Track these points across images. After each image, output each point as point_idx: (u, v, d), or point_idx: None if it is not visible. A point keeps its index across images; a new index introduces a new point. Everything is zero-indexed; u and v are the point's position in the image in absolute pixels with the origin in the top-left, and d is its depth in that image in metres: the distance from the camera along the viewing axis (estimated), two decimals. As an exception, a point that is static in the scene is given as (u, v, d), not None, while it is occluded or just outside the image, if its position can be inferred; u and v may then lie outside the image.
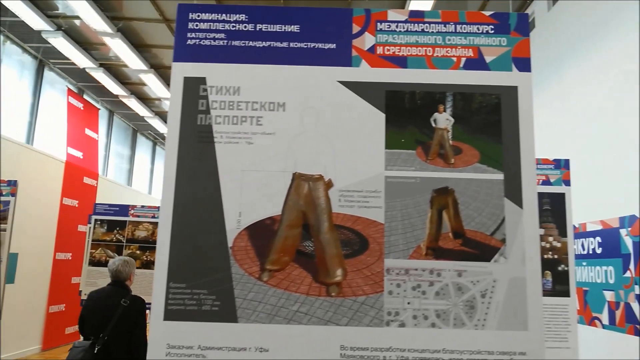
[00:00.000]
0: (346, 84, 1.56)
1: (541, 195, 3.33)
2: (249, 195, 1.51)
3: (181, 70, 1.58)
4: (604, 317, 3.95)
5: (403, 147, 1.53)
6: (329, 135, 1.53)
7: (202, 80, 1.57)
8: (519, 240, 1.47)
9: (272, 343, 1.42)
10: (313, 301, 1.45)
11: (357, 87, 1.56)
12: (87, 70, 9.67)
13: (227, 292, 1.45)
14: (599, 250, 4.08)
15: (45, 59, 9.67)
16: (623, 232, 3.78)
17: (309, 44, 1.58)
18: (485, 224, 1.49)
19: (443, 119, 1.55)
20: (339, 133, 1.54)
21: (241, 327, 1.43)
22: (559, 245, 3.28)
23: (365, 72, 1.57)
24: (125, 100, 11.34)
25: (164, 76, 10.03)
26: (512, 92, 1.56)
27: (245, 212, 1.50)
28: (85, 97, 11.08)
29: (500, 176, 1.52)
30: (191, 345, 1.42)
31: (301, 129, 1.54)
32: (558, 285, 3.23)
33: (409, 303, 1.44)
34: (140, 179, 14.87)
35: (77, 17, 7.91)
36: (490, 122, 1.54)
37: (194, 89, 1.56)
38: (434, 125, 1.54)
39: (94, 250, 6.83)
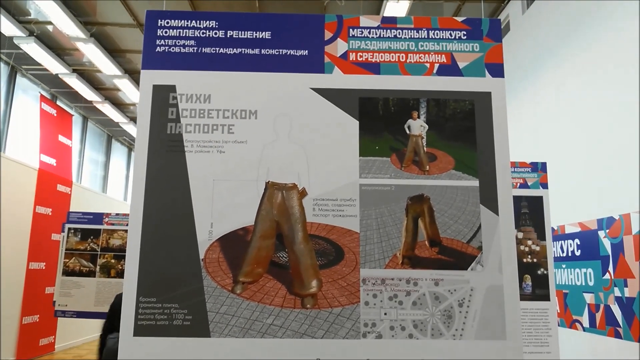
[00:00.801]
0: (319, 90, 1.53)
1: (519, 199, 3.35)
2: (221, 206, 1.47)
3: (150, 78, 1.53)
4: (585, 320, 3.99)
5: (377, 154, 1.51)
6: (302, 143, 1.50)
7: (172, 88, 1.53)
8: (496, 248, 1.46)
9: (247, 357, 1.38)
10: (288, 313, 1.41)
11: (330, 94, 1.53)
12: (60, 76, 9.47)
13: (199, 306, 1.40)
14: (578, 253, 4.12)
15: (17, 65, 9.44)
16: (601, 234, 3.82)
17: (280, 50, 1.55)
18: (461, 232, 1.47)
19: (417, 126, 1.53)
20: (312, 141, 1.51)
21: (214, 341, 1.39)
22: (538, 248, 3.30)
23: (338, 79, 1.54)
24: (99, 106, 11.15)
25: (139, 81, 9.88)
26: (486, 98, 1.55)
27: (217, 223, 1.46)
28: (58, 103, 10.86)
29: (475, 183, 1.50)
30: (162, 363, 1.37)
31: (274, 137, 1.51)
32: (538, 289, 3.24)
33: (385, 314, 1.42)
34: (115, 186, 14.62)
35: (50, 23, 7.75)
36: (464, 129, 1.53)
37: (163, 97, 1.52)
38: (408, 132, 1.53)
39: (67, 260, 6.66)
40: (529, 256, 3.23)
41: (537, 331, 3.13)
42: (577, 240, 4.16)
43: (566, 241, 4.31)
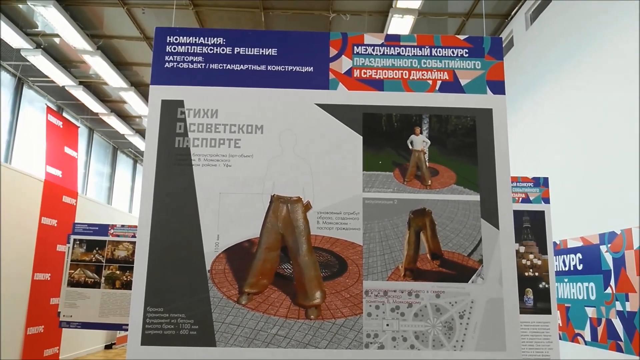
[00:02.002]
0: (324, 106, 1.57)
1: (521, 213, 3.37)
2: (227, 218, 1.50)
3: (159, 93, 1.58)
4: (586, 334, 3.98)
5: (380, 169, 1.55)
6: (307, 158, 1.54)
7: (180, 103, 1.57)
8: (496, 261, 1.49)
9: (251, 368, 1.40)
10: (292, 324, 1.44)
11: (335, 110, 1.57)
12: (66, 88, 9.59)
13: (205, 315, 1.43)
14: (579, 267, 4.13)
15: (24, 77, 9.57)
16: (603, 248, 3.83)
17: (286, 67, 1.60)
18: (462, 245, 1.50)
19: (420, 141, 1.57)
20: (317, 155, 1.54)
21: (220, 351, 1.41)
22: (539, 262, 3.31)
23: (342, 95, 1.59)
24: (105, 118, 11.26)
25: (145, 94, 9.99)
26: (487, 115, 1.59)
27: (223, 235, 1.49)
28: (64, 115, 10.97)
29: (476, 197, 1.54)
30: (168, 372, 1.40)
31: (279, 152, 1.54)
32: (539, 302, 3.26)
33: (387, 325, 1.44)
34: (120, 198, 14.69)
35: (57, 35, 7.87)
36: (465, 144, 1.57)
37: (171, 111, 1.56)
38: (410, 147, 1.56)
39: (72, 271, 6.69)
40: (531, 270, 3.25)
41: (539, 344, 3.13)
42: (579, 255, 4.17)
43: (568, 255, 4.31)
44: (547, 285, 3.23)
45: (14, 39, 7.63)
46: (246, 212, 1.51)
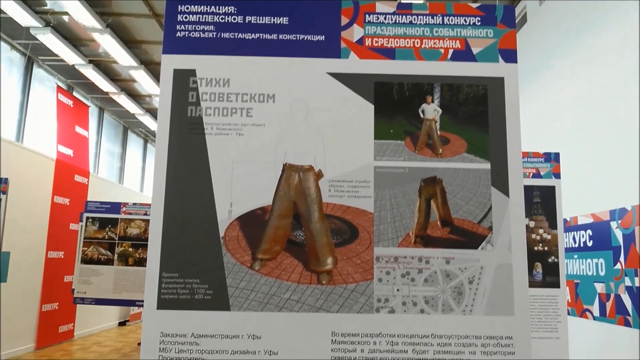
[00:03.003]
0: (335, 75, 1.58)
1: (531, 189, 3.37)
2: (240, 186, 1.53)
3: (171, 63, 1.59)
4: (595, 309, 4.01)
5: (392, 137, 1.56)
6: (318, 127, 1.55)
7: (192, 72, 1.58)
8: (506, 228, 1.50)
9: (265, 330, 1.44)
10: (304, 289, 1.47)
11: (346, 79, 1.58)
12: (76, 67, 9.62)
13: (220, 281, 1.47)
14: (589, 243, 4.13)
15: (33, 55, 9.60)
16: (613, 224, 3.83)
17: (298, 35, 1.60)
18: (472, 213, 1.52)
19: (431, 110, 1.57)
20: (328, 124, 1.56)
21: (234, 315, 1.45)
22: (549, 237, 3.32)
23: (354, 64, 1.59)
24: (115, 97, 11.30)
25: (154, 72, 10.00)
26: (499, 83, 1.58)
27: (236, 203, 1.52)
28: (74, 94, 11.01)
29: (487, 165, 1.54)
30: (184, 334, 1.44)
31: (291, 120, 1.56)
32: (548, 276, 3.28)
33: (398, 290, 1.47)
34: (131, 177, 14.81)
35: (66, 13, 7.87)
36: (477, 113, 1.57)
37: (183, 81, 1.58)
38: (422, 116, 1.57)
39: (86, 248, 6.82)
40: (540, 244, 3.26)
41: (547, 317, 3.16)
42: (589, 231, 4.17)
43: (578, 232, 4.32)
44: (556, 260, 3.25)
45: (24, 17, 7.63)
46: (259, 180, 1.53)
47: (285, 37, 1.60)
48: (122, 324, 12.12)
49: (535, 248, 3.24)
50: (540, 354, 3.17)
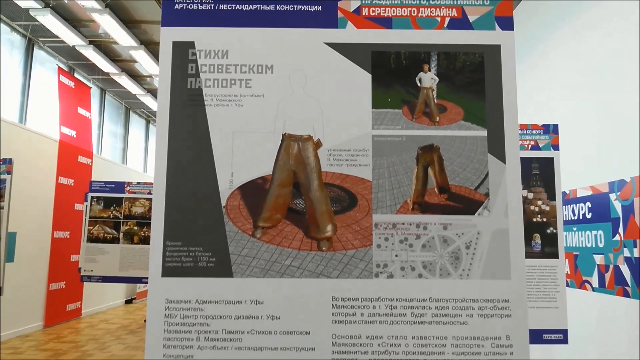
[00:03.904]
0: (333, 45, 1.59)
1: (530, 160, 3.39)
2: (241, 156, 1.55)
3: (170, 35, 1.60)
4: (594, 280, 4.06)
5: (389, 106, 1.58)
6: (317, 97, 1.57)
7: (191, 45, 1.60)
8: (502, 194, 1.53)
9: (267, 296, 1.48)
10: (305, 256, 1.51)
11: (344, 49, 1.59)
12: (76, 47, 9.58)
13: (222, 249, 1.51)
14: (589, 216, 4.16)
15: (34, 37, 9.56)
16: (612, 196, 3.86)
17: (295, 6, 1.61)
18: (469, 179, 1.54)
19: (428, 78, 1.58)
20: (326, 94, 1.57)
21: (236, 281, 1.49)
22: (547, 208, 3.35)
23: (351, 34, 1.60)
24: (116, 78, 11.27)
25: (154, 52, 9.96)
26: (495, 51, 1.59)
27: (237, 173, 1.55)
28: (76, 75, 10.99)
29: (483, 133, 1.56)
30: (189, 300, 1.48)
31: (289, 91, 1.58)
32: (547, 247, 3.31)
33: (396, 255, 1.51)
34: (134, 158, 14.86)
35: (65, -6, 7.81)
36: (473, 81, 1.58)
37: (183, 53, 1.59)
38: (419, 84, 1.58)
39: (91, 227, 6.90)
40: (539, 216, 3.29)
41: (546, 287, 3.21)
42: (588, 204, 4.20)
43: (577, 204, 4.35)
44: (554, 231, 3.28)
45: (23, -2, 7.59)
46: (259, 150, 1.56)
47: (282, 7, 1.61)
48: (128, 301, 12.32)
49: (534, 219, 3.27)
50: (539, 323, 3.22)
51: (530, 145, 3.37)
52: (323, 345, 1.46)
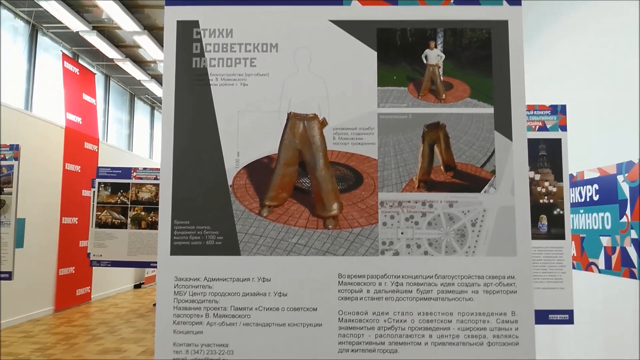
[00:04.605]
0: (338, 22, 1.58)
1: (537, 142, 3.36)
2: (246, 136, 1.56)
3: (174, 14, 1.59)
4: (600, 262, 4.05)
5: (395, 84, 1.57)
6: (322, 75, 1.57)
7: (195, 24, 1.59)
8: (509, 172, 1.53)
9: (274, 273, 1.50)
10: (311, 234, 1.52)
11: (349, 26, 1.58)
12: (80, 33, 9.56)
13: (230, 227, 1.52)
14: (596, 198, 4.14)
15: (38, 23, 9.54)
16: (620, 178, 3.83)
17: (299, -17, 1.59)
18: (475, 157, 1.54)
19: (434, 55, 1.57)
20: (331, 72, 1.57)
21: (244, 259, 1.51)
22: (554, 189, 3.34)
23: (356, 11, 1.58)
24: (120, 64, 11.26)
25: (158, 37, 9.92)
26: (503, 26, 1.58)
27: (243, 152, 1.55)
28: (80, 62, 10.98)
29: (490, 110, 1.55)
30: (198, 277, 1.50)
31: (294, 69, 1.57)
32: (553, 228, 3.30)
33: (402, 233, 1.51)
34: (140, 144, 14.90)
35: (68, -22, 7.77)
36: (480, 57, 1.57)
37: (187, 32, 1.59)
38: (425, 61, 1.57)
39: (99, 213, 6.95)
40: (546, 197, 3.28)
41: (552, 268, 3.21)
42: (595, 186, 4.17)
43: (585, 187, 4.32)
44: (561, 212, 3.27)
45: (25, -16, 7.56)
46: (264, 129, 1.56)
47: (287, -15, 1.60)
48: (137, 286, 12.46)
49: (541, 201, 3.26)
50: (544, 304, 3.23)
51: (537, 127, 3.34)
52: (330, 321, 1.47)
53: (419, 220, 1.52)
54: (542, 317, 3.18)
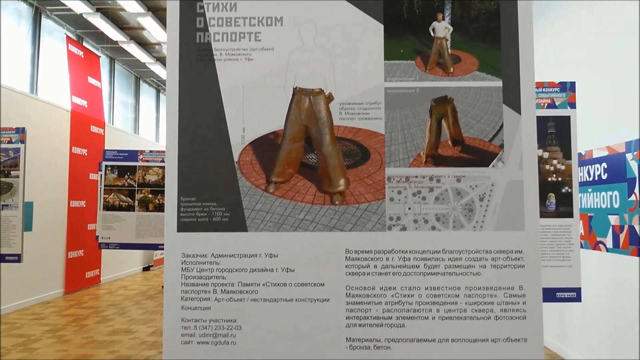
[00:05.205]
0: (343, -5, 1.55)
1: (546, 119, 3.32)
2: (252, 111, 1.54)
3: (178, -12, 1.57)
4: (608, 241, 4.04)
5: (402, 57, 1.54)
6: (327, 49, 1.54)
7: (199, -2, 1.57)
8: (517, 146, 1.51)
9: (281, 249, 1.50)
10: (318, 209, 1.51)
11: None
12: (84, 15, 9.49)
13: (236, 204, 1.52)
14: (604, 176, 4.11)
15: (41, 5, 9.48)
16: (629, 156, 3.79)
17: (304, -46, 1.56)
18: (484, 131, 1.52)
19: (442, 28, 1.54)
20: (337, 46, 1.54)
21: (251, 235, 1.51)
22: (563, 167, 3.30)
23: (362, -18, 1.55)
24: (125, 46, 11.20)
25: (162, 19, 9.84)
26: (512, -2, 1.54)
27: (248, 128, 1.54)
28: (84, 44, 10.93)
29: (498, 83, 1.53)
30: (205, 254, 1.50)
31: (300, 43, 1.55)
32: (561, 206, 3.28)
33: (409, 208, 1.50)
34: (146, 128, 14.90)
35: (70, -40, 7.69)
36: (489, 30, 1.54)
37: (190, 6, 1.56)
38: (432, 34, 1.54)
39: (107, 196, 6.98)
40: (554, 175, 3.25)
41: (560, 246, 3.20)
42: (604, 164, 4.13)
43: (593, 165, 4.28)
44: (569, 190, 3.25)
45: (27, -34, 7.49)
46: (270, 105, 1.54)
47: (291, -44, 1.56)
48: (146, 269, 12.58)
49: (549, 179, 3.23)
50: (552, 282, 3.23)
51: (546, 104, 3.30)
52: (337, 296, 1.48)
53: (427, 195, 1.51)
54: (550, 295, 3.18)
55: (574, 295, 3.22)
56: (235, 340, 1.49)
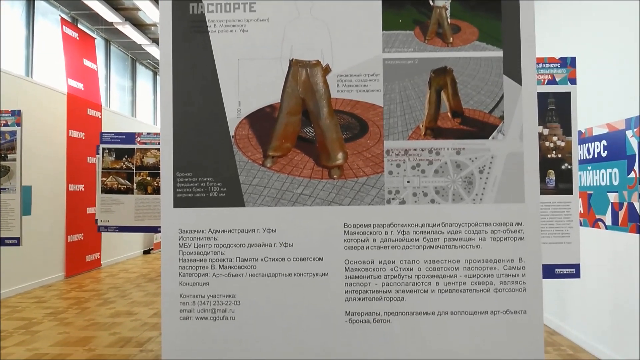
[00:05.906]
0: (340, -37, 1.51)
1: (546, 95, 3.29)
2: (247, 84, 1.51)
3: (170, -42, 1.53)
4: (607, 218, 4.03)
5: (400, 27, 1.51)
6: (324, 19, 1.51)
7: (192, -32, 1.53)
8: (517, 117, 1.48)
9: (279, 224, 1.48)
10: (316, 184, 1.49)
11: None
12: (78, -3, 9.34)
13: (233, 179, 1.50)
14: (604, 154, 4.09)
15: (34, -13, 9.33)
16: (629, 133, 3.77)
17: None
18: (484, 102, 1.49)
19: (441, -3, 1.51)
20: (334, 16, 1.51)
21: (248, 210, 1.49)
22: (562, 144, 3.28)
23: (359, -50, 1.51)
24: (120, 28, 11.05)
25: None
26: (513, -35, 1.50)
27: (244, 101, 1.51)
28: (79, 26, 10.79)
29: (499, 53, 1.50)
30: (202, 229, 1.49)
31: (296, 14, 1.51)
32: (561, 183, 3.27)
33: (408, 182, 1.49)
34: (143, 110, 14.81)
35: (62, -61, 7.54)
36: (489, -2, 1.50)
37: (184, -24, 1.52)
38: (432, 3, 1.51)
39: (105, 179, 6.95)
40: (554, 152, 3.23)
41: (559, 223, 3.19)
42: (604, 142, 4.11)
43: (593, 143, 4.26)
44: (569, 167, 3.23)
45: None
46: (265, 77, 1.51)
47: None
48: (146, 252, 12.62)
49: (549, 156, 3.21)
50: (551, 258, 3.23)
51: (546, 80, 3.26)
52: (336, 271, 1.47)
53: (426, 168, 1.49)
54: (549, 271, 3.18)
55: (573, 271, 3.22)
56: (234, 315, 1.48)
